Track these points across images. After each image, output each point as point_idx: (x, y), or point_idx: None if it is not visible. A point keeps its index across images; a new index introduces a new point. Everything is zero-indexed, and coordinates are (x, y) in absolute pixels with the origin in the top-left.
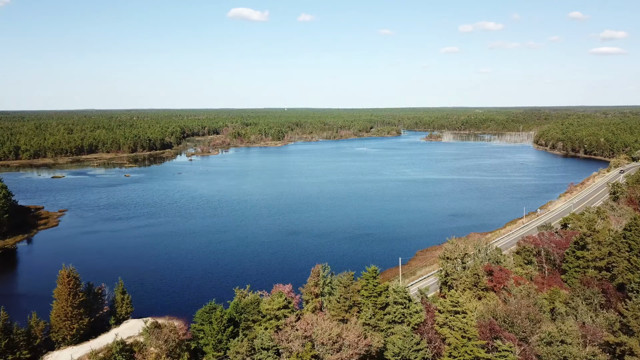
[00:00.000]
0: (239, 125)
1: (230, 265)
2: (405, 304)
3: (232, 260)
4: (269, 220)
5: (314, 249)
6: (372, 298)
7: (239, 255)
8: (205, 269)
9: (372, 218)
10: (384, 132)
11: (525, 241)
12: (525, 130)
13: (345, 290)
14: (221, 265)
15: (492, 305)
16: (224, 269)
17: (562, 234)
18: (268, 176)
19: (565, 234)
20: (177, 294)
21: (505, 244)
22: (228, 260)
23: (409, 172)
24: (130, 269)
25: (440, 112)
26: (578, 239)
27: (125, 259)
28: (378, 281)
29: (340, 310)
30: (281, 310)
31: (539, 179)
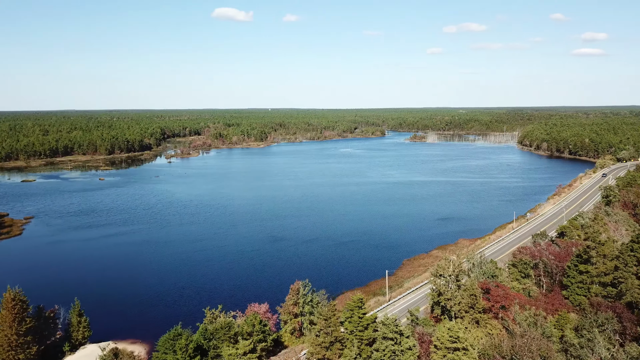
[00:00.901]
0: (221, 126)
1: (204, 280)
2: (396, 339)
3: (205, 273)
4: (248, 227)
5: (295, 259)
6: (357, 333)
7: (213, 268)
8: (175, 284)
9: (358, 224)
10: (368, 132)
11: (522, 252)
12: (509, 131)
13: (326, 324)
14: (193, 280)
15: (496, 338)
16: (196, 284)
17: (560, 244)
18: (249, 179)
19: (564, 244)
20: (142, 314)
21: (496, 251)
22: (201, 274)
23: (395, 174)
24: (92, 286)
25: (424, 112)
26: (581, 251)
27: (87, 274)
28: (364, 311)
29: (321, 348)
30: (248, 355)
31: (525, 181)
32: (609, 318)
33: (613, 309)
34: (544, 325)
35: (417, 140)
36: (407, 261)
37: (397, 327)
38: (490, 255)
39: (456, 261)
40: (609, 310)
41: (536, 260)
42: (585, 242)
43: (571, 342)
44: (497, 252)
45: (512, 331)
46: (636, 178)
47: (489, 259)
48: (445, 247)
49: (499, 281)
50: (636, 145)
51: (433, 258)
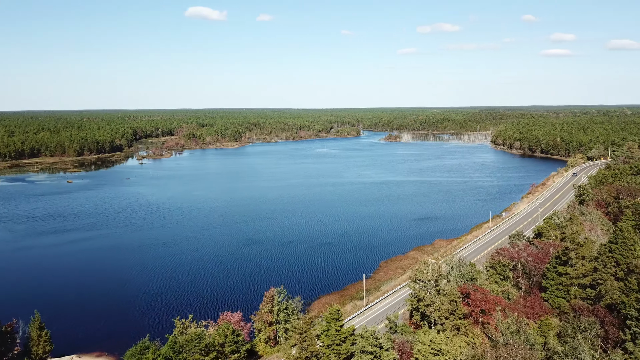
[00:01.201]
0: (194, 126)
1: (174, 287)
2: (376, 353)
3: (176, 280)
4: (222, 231)
5: (270, 264)
6: (334, 347)
7: (185, 275)
8: (144, 292)
9: (334, 225)
10: (344, 132)
11: (500, 254)
12: (482, 130)
13: (301, 338)
14: (163, 288)
15: (479, 347)
16: (167, 292)
17: (538, 245)
18: (223, 180)
19: (542, 245)
20: (108, 325)
21: (473, 251)
22: (172, 281)
23: (371, 174)
24: (54, 296)
25: (399, 112)
26: (560, 253)
27: (50, 283)
28: (342, 323)
29: None
30: None
31: (500, 180)
32: (592, 323)
33: (594, 313)
34: (527, 333)
35: (392, 140)
36: (384, 263)
37: (377, 340)
38: (468, 256)
39: (435, 265)
40: (591, 315)
41: (514, 262)
42: (564, 243)
43: (555, 349)
44: (474, 252)
45: (495, 340)
46: (607, 177)
47: (468, 261)
48: (422, 248)
49: (478, 284)
50: (605, 144)
51: (410, 259)
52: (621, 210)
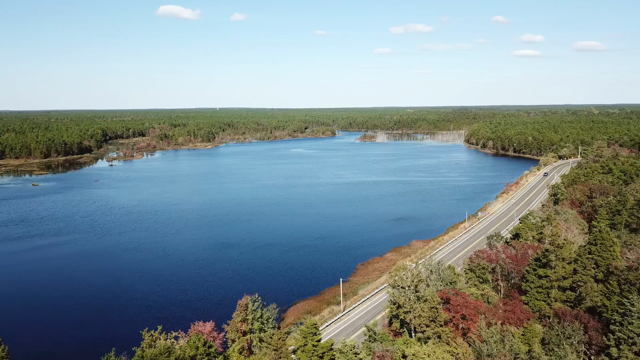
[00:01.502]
0: (166, 127)
1: (143, 296)
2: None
3: (145, 288)
4: (193, 235)
5: (244, 269)
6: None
7: (154, 282)
8: (110, 301)
9: (310, 228)
10: (319, 132)
11: (479, 256)
12: (455, 129)
13: (275, 355)
14: (131, 296)
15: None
16: (134, 301)
17: (516, 247)
18: (196, 182)
19: (520, 247)
20: (72, 338)
21: (451, 252)
22: (140, 290)
23: (347, 175)
24: (13, 308)
25: (373, 112)
26: (540, 255)
27: (8, 294)
28: (319, 338)
29: None
30: None
31: (474, 179)
32: (576, 329)
33: (577, 317)
34: (512, 342)
35: (367, 140)
36: (360, 266)
37: (356, 356)
38: (445, 257)
39: (414, 270)
40: (575, 320)
41: (493, 264)
42: (543, 245)
43: (539, 357)
44: (451, 253)
45: (479, 350)
46: (580, 175)
47: (447, 264)
48: (399, 249)
49: (458, 288)
50: (575, 143)
51: (387, 261)
52: (595, 209)
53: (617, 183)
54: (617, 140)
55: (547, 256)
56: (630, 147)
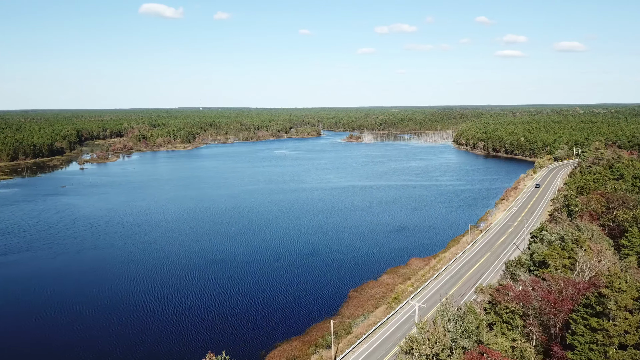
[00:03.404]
0: (145, 127)
1: (83, 340)
2: None
3: (91, 329)
4: (162, 254)
5: (216, 302)
6: None
7: (102, 321)
8: (48, 341)
9: (294, 244)
10: (304, 132)
11: (501, 292)
12: (442, 130)
13: None
14: (71, 341)
15: None
16: (75, 350)
17: (549, 280)
18: (171, 188)
19: (555, 281)
20: None
21: (456, 273)
22: (85, 332)
23: (334, 179)
24: None
25: (359, 111)
26: (594, 301)
27: None
28: None
29: None
30: None
31: (469, 183)
32: None
33: None
34: None
35: (353, 140)
36: (353, 292)
37: None
38: (451, 280)
39: (434, 331)
40: None
41: (525, 308)
42: (575, 273)
43: None
44: (457, 275)
45: None
46: (589, 182)
47: (466, 306)
48: (396, 270)
49: (484, 341)
50: (569, 144)
51: (384, 286)
52: (618, 223)
53: (632, 191)
54: (614, 141)
55: (603, 303)
56: (629, 149)
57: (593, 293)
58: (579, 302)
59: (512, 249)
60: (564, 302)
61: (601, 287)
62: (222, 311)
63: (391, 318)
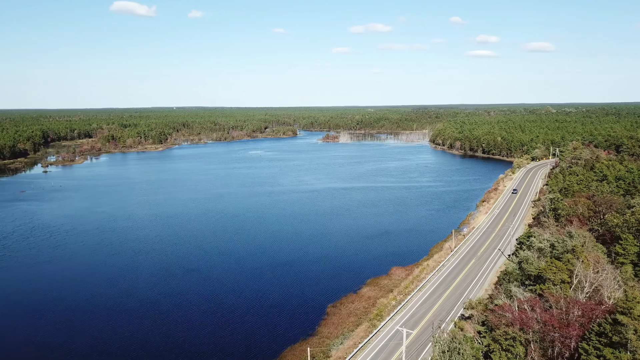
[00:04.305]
0: (115, 127)
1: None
2: None
3: (40, 350)
4: (126, 266)
5: (175, 323)
6: None
7: (53, 346)
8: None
9: (267, 253)
10: (280, 132)
11: (497, 314)
12: (418, 129)
13: None
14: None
15: None
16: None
17: (550, 299)
18: (140, 192)
19: (555, 300)
20: None
21: (441, 283)
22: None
23: (311, 181)
24: None
25: (335, 111)
26: (609, 329)
27: None
28: None
29: None
30: None
31: (449, 184)
32: None
33: None
34: None
35: (330, 140)
36: (331, 308)
37: None
38: (437, 290)
39: None
40: None
41: (526, 333)
42: (604, 306)
43: None
44: (442, 285)
45: None
46: (573, 184)
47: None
48: (377, 281)
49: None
50: (546, 144)
51: (364, 300)
52: (609, 229)
53: (617, 193)
54: (591, 141)
55: (620, 332)
56: (606, 148)
57: (607, 319)
58: (590, 328)
59: (497, 255)
60: (571, 327)
61: (616, 312)
62: (182, 334)
63: (374, 338)
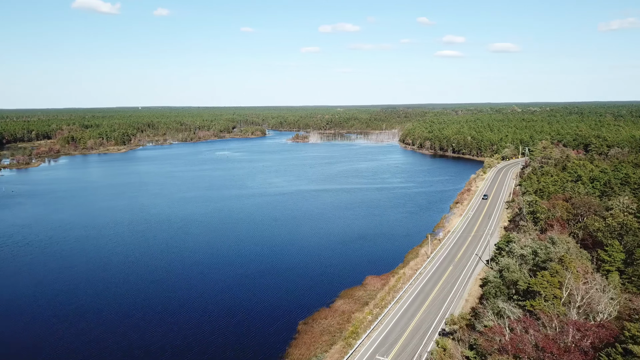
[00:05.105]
0: (76, 128)
1: None
2: None
3: None
4: (79, 280)
5: (130, 349)
6: None
7: None
8: None
9: (233, 263)
10: (248, 132)
11: (487, 336)
12: (388, 129)
13: None
14: None
15: None
16: None
17: (543, 318)
18: (99, 197)
19: (549, 320)
20: None
21: (419, 292)
22: None
23: (280, 183)
24: None
25: (304, 110)
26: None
27: None
28: None
29: None
30: None
31: (421, 185)
32: None
33: None
34: None
35: (299, 140)
36: (303, 326)
37: None
38: (414, 303)
39: None
40: None
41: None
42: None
43: None
44: (421, 295)
45: None
46: (548, 185)
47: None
48: (351, 293)
49: None
50: (515, 143)
51: (339, 316)
52: (590, 234)
53: (593, 194)
54: (559, 140)
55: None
56: (575, 148)
57: (617, 349)
58: (597, 357)
59: (475, 261)
60: (572, 354)
61: (627, 341)
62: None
63: None
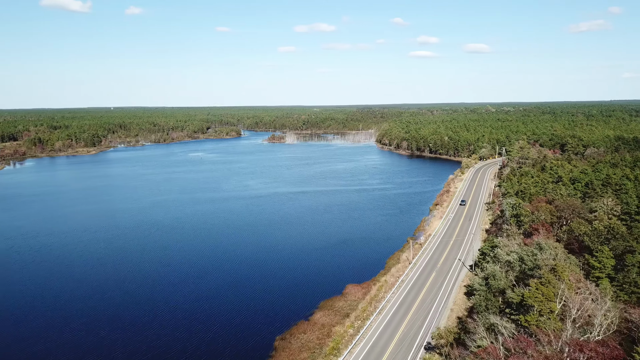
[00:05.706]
0: (44, 129)
1: None
2: None
3: None
4: (42, 293)
5: None
6: None
7: None
8: None
9: (208, 273)
10: (223, 133)
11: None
12: (364, 129)
13: None
14: None
15: None
16: None
17: (542, 337)
18: (65, 202)
19: (547, 338)
20: None
21: (402, 302)
22: None
23: (257, 185)
24: None
25: (280, 111)
26: None
27: None
28: None
29: None
30: None
31: (400, 187)
32: None
33: None
34: None
35: (275, 141)
36: (280, 341)
37: None
38: (397, 313)
39: None
40: None
41: None
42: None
43: None
44: (404, 305)
45: None
46: (529, 186)
47: None
48: (331, 304)
49: None
50: (491, 143)
51: (318, 329)
52: (577, 238)
53: (575, 195)
54: (536, 140)
55: None
56: (551, 148)
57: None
58: None
59: (458, 266)
60: None
61: None
62: None
63: None
